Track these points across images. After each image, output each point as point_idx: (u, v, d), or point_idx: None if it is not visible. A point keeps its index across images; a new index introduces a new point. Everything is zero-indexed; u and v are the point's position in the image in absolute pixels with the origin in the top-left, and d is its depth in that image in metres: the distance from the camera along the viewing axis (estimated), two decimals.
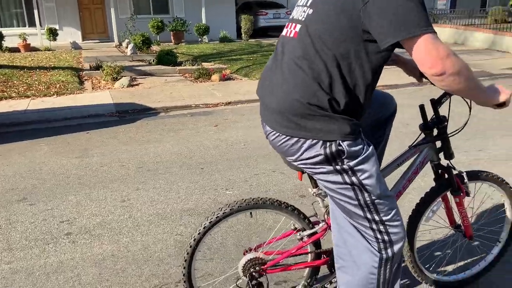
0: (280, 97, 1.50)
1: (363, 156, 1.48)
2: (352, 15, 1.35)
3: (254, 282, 1.80)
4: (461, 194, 1.92)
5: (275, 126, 1.55)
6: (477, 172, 1.99)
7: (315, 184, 1.79)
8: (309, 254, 1.92)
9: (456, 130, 1.91)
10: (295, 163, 1.58)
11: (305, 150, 1.50)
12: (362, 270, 1.59)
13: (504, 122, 5.20)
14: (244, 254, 1.85)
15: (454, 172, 1.92)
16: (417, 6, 1.28)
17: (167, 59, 9.99)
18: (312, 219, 1.92)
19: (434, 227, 2.36)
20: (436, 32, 1.31)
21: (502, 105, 1.57)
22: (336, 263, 1.69)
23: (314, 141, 1.47)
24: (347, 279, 1.65)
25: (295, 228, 1.90)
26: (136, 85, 8.39)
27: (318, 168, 1.52)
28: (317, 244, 1.89)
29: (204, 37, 14.64)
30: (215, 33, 15.18)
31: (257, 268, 1.80)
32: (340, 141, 1.45)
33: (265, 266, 1.82)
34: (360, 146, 1.49)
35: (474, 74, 1.41)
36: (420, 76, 1.89)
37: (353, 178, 1.49)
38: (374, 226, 1.54)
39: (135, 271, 2.47)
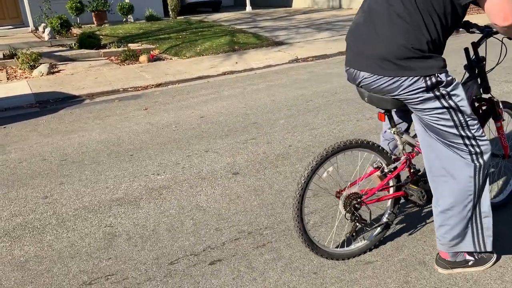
0: (383, 45, 1.83)
1: (455, 83, 1.87)
2: None
3: (356, 213, 2.15)
4: (502, 118, 2.31)
5: (376, 70, 1.87)
6: (505, 102, 2.39)
7: (393, 124, 2.16)
8: (392, 187, 2.25)
9: (492, 68, 2.27)
10: (393, 97, 1.93)
11: (408, 86, 1.85)
12: (460, 180, 1.94)
13: None
14: (336, 196, 2.17)
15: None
16: None
17: (89, 42, 9.39)
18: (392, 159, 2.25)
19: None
20: None
21: None
22: (432, 181, 2.03)
23: (416, 77, 1.82)
24: (447, 191, 1.98)
25: (377, 167, 2.24)
26: (57, 72, 7.84)
27: (419, 97, 1.86)
28: (398, 177, 2.24)
29: (129, 16, 13.92)
30: (141, 12, 14.49)
31: (358, 200, 2.14)
32: (437, 74, 1.83)
33: (363, 198, 2.16)
34: (452, 77, 1.87)
35: None
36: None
37: (450, 102, 1.86)
38: (467, 142, 1.91)
39: (61, 269, 2.35)
